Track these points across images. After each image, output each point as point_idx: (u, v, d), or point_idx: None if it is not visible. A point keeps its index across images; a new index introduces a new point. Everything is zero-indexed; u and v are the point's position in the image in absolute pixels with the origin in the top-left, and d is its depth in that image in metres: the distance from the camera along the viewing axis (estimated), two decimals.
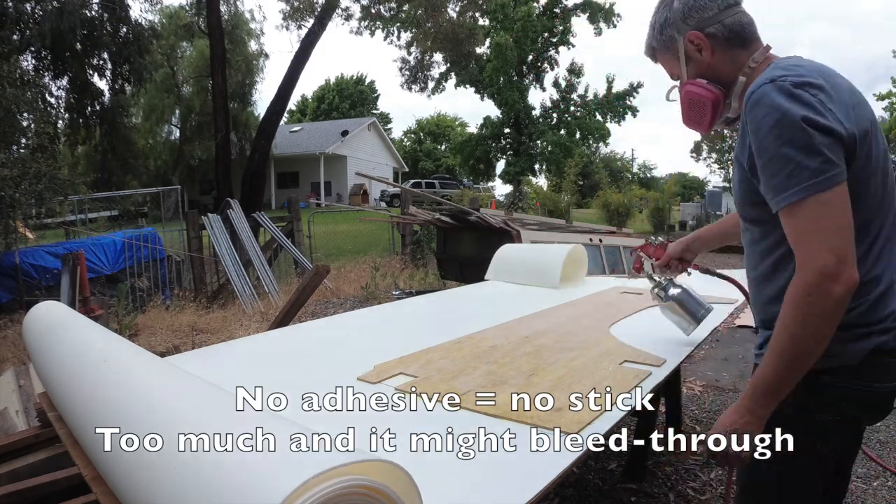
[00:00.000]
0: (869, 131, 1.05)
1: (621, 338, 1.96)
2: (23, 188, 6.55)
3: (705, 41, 1.18)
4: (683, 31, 1.20)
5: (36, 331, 1.65)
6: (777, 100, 1.01)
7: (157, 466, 0.84)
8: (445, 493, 0.95)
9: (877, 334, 1.08)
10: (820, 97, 1.01)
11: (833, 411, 1.11)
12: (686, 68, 1.23)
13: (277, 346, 1.97)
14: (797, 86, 1.01)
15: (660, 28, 1.25)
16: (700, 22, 1.18)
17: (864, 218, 1.06)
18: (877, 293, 1.08)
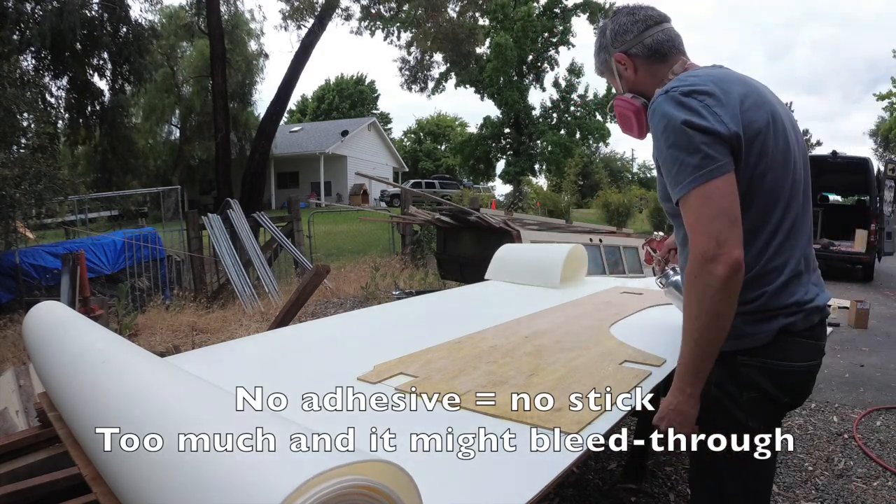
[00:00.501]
0: (762, 131, 1.15)
1: (621, 338, 1.96)
2: (23, 188, 6.54)
3: (629, 61, 1.35)
4: (612, 52, 1.37)
5: (36, 331, 1.65)
6: (665, 108, 1.15)
7: (157, 466, 0.84)
8: (445, 493, 0.95)
9: (783, 316, 1.17)
10: (706, 102, 1.12)
11: (752, 389, 1.21)
12: (620, 84, 1.40)
13: (277, 346, 1.97)
14: (685, 94, 1.14)
15: (597, 53, 1.43)
16: (624, 44, 1.34)
17: (762, 211, 1.17)
18: (779, 282, 1.17)
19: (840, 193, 13.46)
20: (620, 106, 1.38)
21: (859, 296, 7.17)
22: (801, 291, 1.19)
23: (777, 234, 1.17)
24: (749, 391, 1.21)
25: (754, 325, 1.18)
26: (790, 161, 1.20)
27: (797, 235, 1.21)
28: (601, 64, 1.42)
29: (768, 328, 1.18)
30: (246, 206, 10.06)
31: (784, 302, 1.17)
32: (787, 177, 1.19)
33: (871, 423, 3.37)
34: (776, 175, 1.17)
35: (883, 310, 7.09)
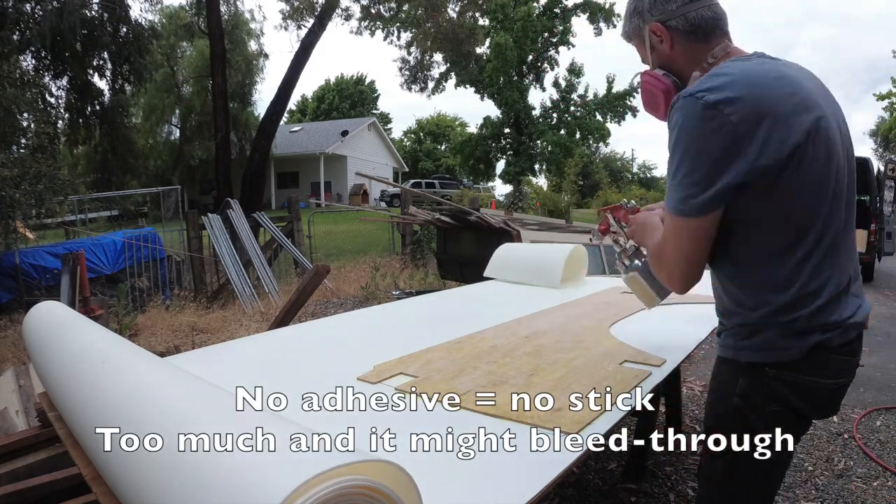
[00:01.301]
0: (800, 145, 1.03)
1: (621, 338, 1.96)
2: (23, 188, 6.54)
3: (666, 33, 1.20)
4: (649, 21, 1.22)
5: (36, 331, 1.65)
6: (687, 114, 1.05)
7: (157, 466, 0.84)
8: (445, 493, 0.95)
9: (819, 332, 1.09)
10: (732, 119, 1.01)
11: (777, 403, 1.14)
12: (651, 57, 1.27)
13: (277, 346, 1.97)
14: (711, 105, 1.02)
15: (629, 16, 1.28)
16: (664, 14, 1.19)
17: (797, 231, 1.07)
18: (816, 306, 1.09)
19: None
20: (649, 82, 1.26)
21: None
22: (841, 310, 1.11)
23: (813, 255, 1.08)
24: (773, 404, 1.14)
25: (787, 339, 1.10)
26: (831, 173, 1.09)
27: (837, 254, 1.11)
28: (632, 29, 1.28)
29: (802, 343, 1.10)
30: (246, 206, 10.06)
31: (821, 322, 1.10)
32: (826, 191, 1.08)
33: (871, 423, 3.37)
34: (813, 191, 1.07)
35: (883, 310, 7.09)
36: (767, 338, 1.11)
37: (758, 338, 1.12)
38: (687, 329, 2.19)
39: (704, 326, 2.23)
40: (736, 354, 1.17)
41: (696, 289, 1.78)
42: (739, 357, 1.16)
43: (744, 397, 1.16)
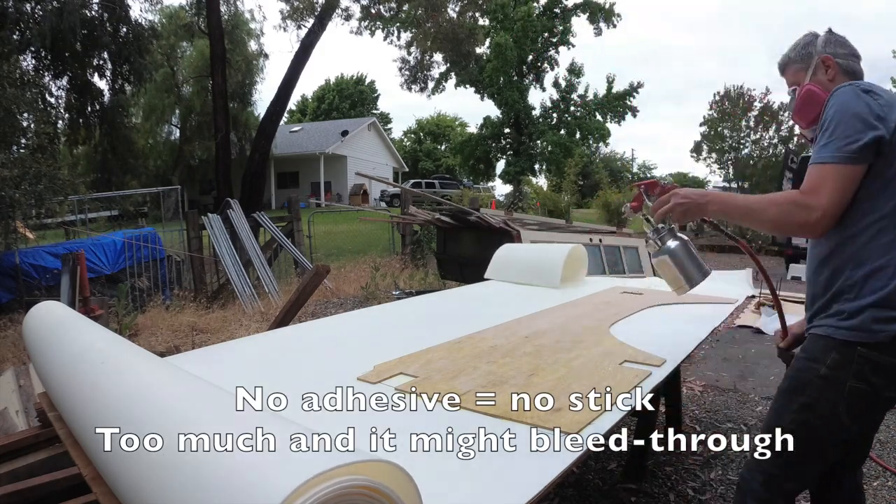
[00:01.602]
0: None
1: (621, 338, 1.96)
2: (23, 188, 6.53)
3: (834, 65, 1.50)
4: (821, 53, 1.52)
5: (36, 331, 1.65)
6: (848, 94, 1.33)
7: (157, 466, 0.84)
8: (445, 492, 0.95)
9: None
10: (878, 100, 1.30)
11: (862, 381, 1.29)
12: (809, 80, 1.53)
13: (277, 346, 1.97)
14: (865, 90, 1.33)
15: (803, 45, 1.57)
16: (834, 53, 1.51)
17: None
18: None
19: None
20: (813, 90, 1.49)
21: None
22: None
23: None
24: (856, 381, 1.29)
25: (881, 324, 1.26)
26: None
27: None
28: (803, 56, 1.55)
29: (891, 329, 1.26)
30: (246, 206, 10.06)
31: None
32: None
33: None
34: None
35: None
36: (863, 319, 1.28)
37: (855, 320, 1.29)
38: (687, 329, 2.19)
39: (704, 326, 2.23)
40: (833, 332, 1.33)
41: (695, 289, 1.80)
42: (836, 335, 1.33)
43: (832, 368, 1.32)
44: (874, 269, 1.28)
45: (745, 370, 4.41)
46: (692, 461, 2.82)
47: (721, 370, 4.45)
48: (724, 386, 4.05)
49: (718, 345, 5.17)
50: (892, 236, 1.28)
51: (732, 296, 2.80)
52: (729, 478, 2.64)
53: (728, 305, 2.63)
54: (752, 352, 4.93)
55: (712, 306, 2.58)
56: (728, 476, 2.65)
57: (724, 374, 4.35)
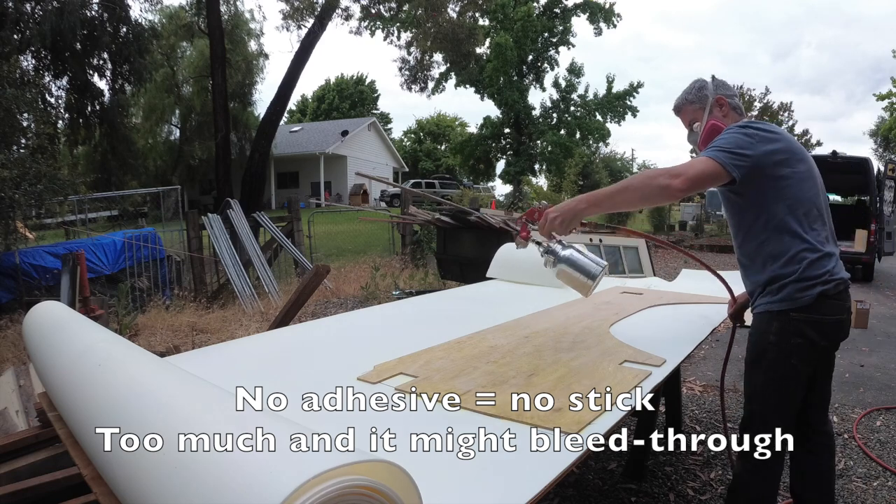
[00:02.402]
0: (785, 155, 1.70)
1: (621, 338, 1.96)
2: (23, 189, 6.53)
3: (726, 104, 1.92)
4: (714, 94, 1.92)
5: (36, 331, 1.65)
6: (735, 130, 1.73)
7: (157, 466, 0.84)
8: (445, 493, 0.95)
9: (820, 284, 1.67)
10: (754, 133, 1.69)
11: (800, 337, 1.69)
12: (705, 117, 1.92)
13: (277, 346, 1.97)
14: (746, 126, 1.73)
15: (698, 89, 1.94)
16: (724, 94, 1.92)
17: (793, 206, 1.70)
18: (813, 257, 1.69)
19: (840, 193, 13.47)
20: (716, 125, 1.88)
21: (859, 296, 7.17)
22: (829, 266, 1.70)
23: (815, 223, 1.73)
24: (797, 338, 1.69)
25: (802, 292, 1.67)
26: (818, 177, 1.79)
27: (823, 226, 1.75)
28: (700, 98, 1.93)
29: (812, 293, 1.67)
30: (246, 206, 10.05)
31: (818, 272, 1.68)
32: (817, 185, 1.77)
33: (871, 423, 3.37)
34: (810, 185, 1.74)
35: (883, 310, 7.10)
36: (788, 292, 1.69)
37: (783, 293, 1.69)
38: (687, 329, 2.19)
39: (704, 326, 2.23)
40: (770, 307, 1.72)
41: (695, 289, 1.78)
42: (773, 308, 1.71)
43: (777, 333, 1.71)
44: (787, 260, 1.69)
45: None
46: (692, 461, 2.82)
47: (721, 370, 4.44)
48: (724, 386, 4.05)
49: (718, 345, 5.17)
50: (788, 235, 1.69)
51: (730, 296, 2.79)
52: (729, 478, 2.64)
53: (728, 305, 2.63)
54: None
55: (712, 306, 2.58)
56: (728, 476, 2.65)
57: None
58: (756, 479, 1.78)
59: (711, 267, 2.36)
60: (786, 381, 1.73)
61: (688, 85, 1.98)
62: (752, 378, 1.79)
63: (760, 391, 1.77)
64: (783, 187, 1.68)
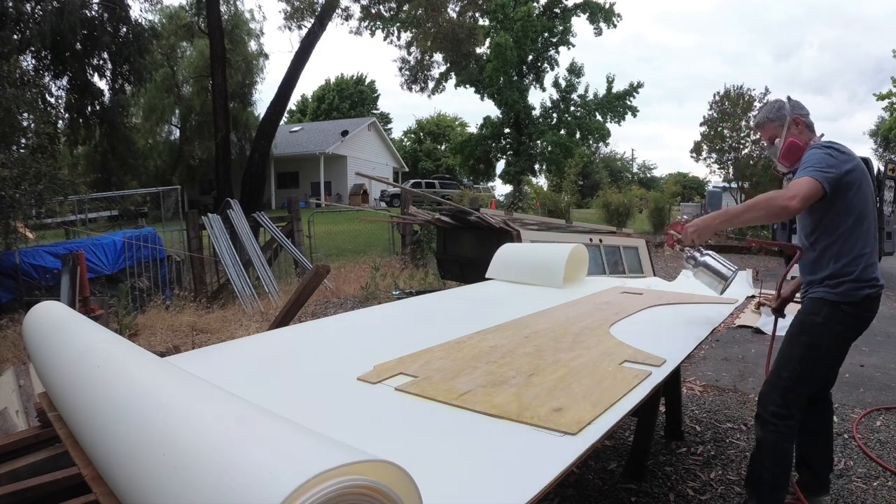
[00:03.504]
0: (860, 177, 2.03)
1: (621, 338, 1.96)
2: (23, 188, 6.52)
3: (801, 123, 2.19)
4: (791, 113, 2.19)
5: (36, 331, 1.65)
6: (819, 150, 2.03)
7: (157, 466, 0.84)
8: (446, 492, 0.95)
9: (868, 287, 2.01)
10: (834, 154, 2.00)
11: (842, 325, 2.03)
12: (786, 132, 2.19)
13: (277, 346, 1.97)
14: (829, 147, 2.04)
15: (777, 108, 2.22)
16: (800, 114, 2.19)
17: (859, 219, 2.03)
18: (867, 263, 2.02)
19: None
20: (795, 142, 2.16)
21: None
22: (876, 273, 2.05)
23: (868, 234, 2.04)
24: (840, 326, 2.03)
25: (855, 291, 1.99)
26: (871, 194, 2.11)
27: (871, 237, 2.06)
28: (779, 116, 2.20)
29: (862, 293, 2.00)
30: (246, 206, 10.05)
31: (868, 276, 2.01)
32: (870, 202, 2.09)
33: (871, 423, 3.37)
34: (869, 200, 2.08)
35: (883, 310, 7.08)
36: (845, 288, 2.00)
37: (840, 289, 2.01)
38: (687, 329, 2.19)
39: (704, 326, 2.23)
40: (826, 296, 2.03)
41: (695, 290, 1.78)
42: (828, 297, 2.02)
43: (825, 318, 2.03)
44: (849, 261, 2.01)
45: (745, 370, 4.41)
46: (692, 461, 2.82)
47: (721, 370, 4.45)
48: (724, 386, 4.05)
49: (718, 345, 5.17)
50: (853, 240, 2.01)
51: (732, 296, 2.80)
52: (729, 478, 2.64)
53: (728, 305, 2.63)
54: (752, 352, 4.93)
55: (712, 306, 2.58)
56: (728, 476, 2.65)
57: (724, 374, 4.35)
58: (778, 440, 2.05)
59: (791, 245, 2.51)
60: (819, 358, 2.06)
61: (767, 104, 2.29)
62: (790, 347, 2.08)
63: (796, 360, 2.05)
64: (854, 201, 2.01)
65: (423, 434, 1.19)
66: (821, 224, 2.07)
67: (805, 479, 2.34)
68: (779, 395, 2.07)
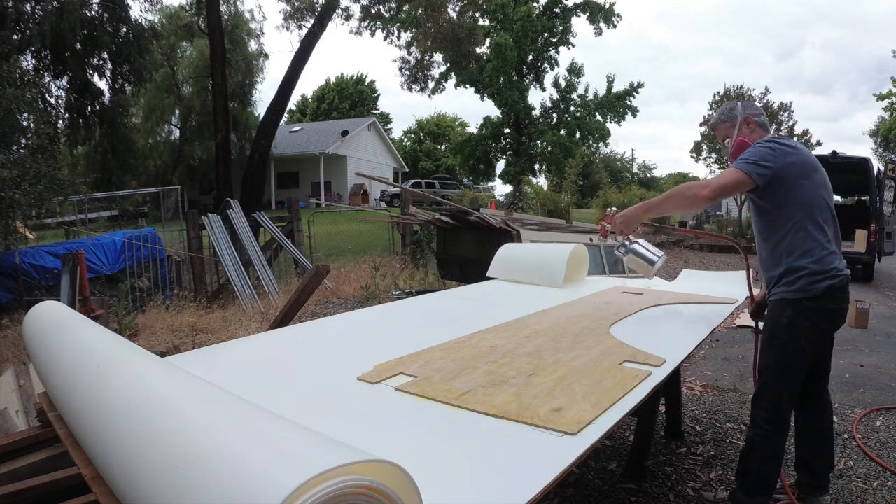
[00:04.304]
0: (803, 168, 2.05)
1: (621, 338, 1.96)
2: (23, 189, 6.52)
3: (752, 122, 2.26)
4: (742, 114, 2.27)
5: (36, 331, 1.65)
6: (759, 144, 2.10)
7: (157, 466, 0.84)
8: (445, 492, 0.95)
9: (829, 278, 2.00)
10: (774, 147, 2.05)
11: (808, 321, 2.04)
12: (737, 132, 2.27)
13: (277, 346, 1.97)
14: (771, 141, 2.09)
15: (729, 110, 2.32)
16: (751, 114, 2.27)
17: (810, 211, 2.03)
18: (823, 254, 2.01)
19: (840, 193, 13.46)
20: (744, 141, 2.22)
21: (859, 296, 7.17)
22: (836, 262, 2.03)
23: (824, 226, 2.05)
24: (806, 322, 2.03)
25: (813, 284, 1.99)
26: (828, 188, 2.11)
27: (830, 228, 2.07)
28: (731, 118, 2.29)
29: (822, 285, 1.99)
30: (246, 206, 10.05)
31: (827, 267, 2.00)
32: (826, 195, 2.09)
33: (871, 423, 3.37)
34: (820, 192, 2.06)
35: (883, 310, 7.09)
36: (802, 283, 2.01)
37: (797, 285, 2.02)
38: (687, 329, 2.19)
39: (704, 326, 2.23)
40: (786, 295, 2.05)
41: (696, 290, 1.78)
42: (788, 296, 2.04)
43: (790, 318, 2.04)
44: (801, 254, 2.02)
45: (745, 370, 4.41)
46: (692, 461, 2.82)
47: (721, 370, 4.45)
48: (724, 386, 4.05)
49: (718, 345, 5.17)
50: (804, 233, 2.02)
51: (732, 296, 2.80)
52: (729, 478, 2.64)
53: (728, 305, 2.63)
54: (752, 352, 4.93)
55: (712, 306, 2.58)
56: (728, 476, 2.65)
57: (724, 374, 4.35)
58: (765, 441, 2.09)
59: None
60: (794, 358, 2.06)
61: (721, 107, 2.41)
62: (766, 352, 2.12)
63: (773, 365, 2.08)
64: (800, 193, 2.01)
65: (423, 434, 1.19)
66: (767, 221, 2.10)
67: (803, 479, 2.34)
68: (766, 399, 2.10)
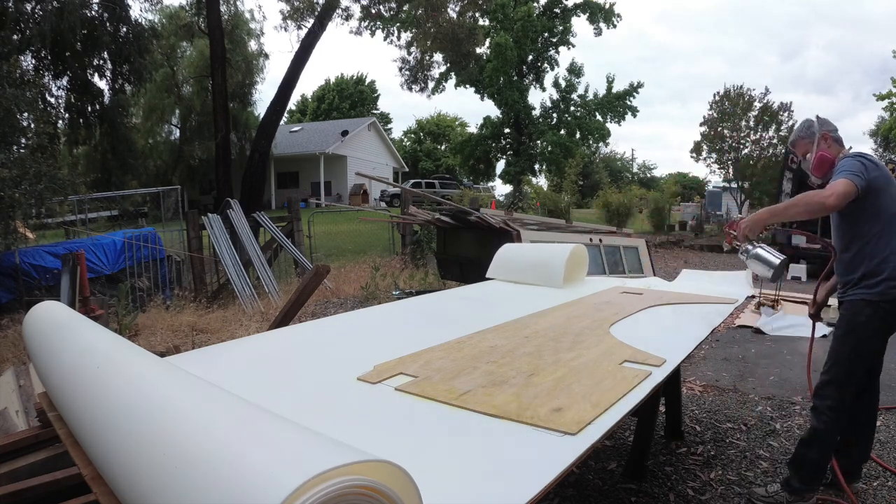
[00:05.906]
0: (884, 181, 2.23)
1: (621, 338, 1.96)
2: (23, 188, 6.52)
3: (829, 138, 2.42)
4: (820, 130, 2.43)
5: (36, 331, 1.65)
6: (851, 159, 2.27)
7: (157, 466, 0.84)
8: (446, 492, 0.95)
9: None
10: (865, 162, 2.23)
11: (884, 322, 2.24)
12: (816, 147, 2.43)
13: (277, 346, 1.97)
14: (860, 156, 2.28)
15: (807, 127, 2.48)
16: (829, 131, 2.43)
17: (889, 221, 2.22)
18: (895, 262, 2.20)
19: None
20: (825, 156, 2.40)
21: None
22: None
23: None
24: (882, 322, 2.24)
25: (891, 290, 2.18)
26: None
27: None
28: (809, 134, 2.46)
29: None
30: (246, 206, 10.05)
31: None
32: None
33: None
34: None
35: None
36: (883, 289, 2.20)
37: (878, 289, 2.21)
38: (687, 329, 2.19)
39: (704, 326, 2.23)
40: (865, 296, 2.23)
41: (696, 289, 1.78)
42: (867, 297, 2.23)
43: (867, 317, 2.23)
44: (881, 260, 2.21)
45: (745, 370, 4.41)
46: (692, 461, 2.82)
47: (721, 370, 4.45)
48: (724, 386, 4.05)
49: (718, 345, 5.17)
50: (885, 240, 2.21)
51: (732, 296, 2.80)
52: (728, 478, 2.64)
53: (728, 305, 2.63)
54: (752, 352, 4.93)
55: (712, 306, 2.58)
56: (728, 476, 2.65)
57: (724, 374, 4.35)
58: (829, 430, 2.26)
59: None
60: (865, 353, 2.28)
61: (799, 124, 2.57)
62: (840, 349, 2.28)
63: (845, 359, 2.26)
64: (883, 204, 2.22)
65: (423, 434, 1.19)
66: (852, 227, 2.29)
67: (841, 465, 2.47)
68: (834, 388, 2.26)
